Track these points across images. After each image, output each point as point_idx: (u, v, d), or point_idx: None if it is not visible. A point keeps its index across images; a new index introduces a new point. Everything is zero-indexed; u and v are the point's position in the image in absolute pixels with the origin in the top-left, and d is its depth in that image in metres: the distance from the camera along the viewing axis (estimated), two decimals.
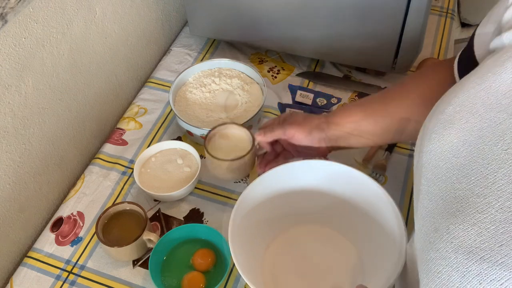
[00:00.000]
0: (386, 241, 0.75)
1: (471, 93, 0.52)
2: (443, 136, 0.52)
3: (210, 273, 0.84)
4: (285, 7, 1.02)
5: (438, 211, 0.48)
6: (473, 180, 0.46)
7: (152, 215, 0.94)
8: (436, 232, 0.47)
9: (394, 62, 1.05)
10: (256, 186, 0.80)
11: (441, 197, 0.49)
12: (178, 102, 1.05)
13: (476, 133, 0.49)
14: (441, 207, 0.48)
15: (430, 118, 0.57)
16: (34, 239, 0.94)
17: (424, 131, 0.57)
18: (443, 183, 0.50)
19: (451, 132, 0.51)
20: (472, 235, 0.43)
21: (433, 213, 0.49)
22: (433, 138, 0.53)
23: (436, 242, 0.47)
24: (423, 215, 0.52)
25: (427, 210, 0.51)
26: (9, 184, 0.86)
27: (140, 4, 1.11)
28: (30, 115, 0.87)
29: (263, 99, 1.03)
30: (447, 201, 0.48)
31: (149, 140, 1.05)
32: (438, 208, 0.49)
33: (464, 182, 0.47)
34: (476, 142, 0.48)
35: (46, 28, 0.85)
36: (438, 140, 0.52)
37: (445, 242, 0.45)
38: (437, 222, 0.48)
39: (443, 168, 0.50)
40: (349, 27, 1.01)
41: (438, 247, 0.46)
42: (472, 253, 0.42)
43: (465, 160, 0.48)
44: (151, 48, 1.21)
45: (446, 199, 0.48)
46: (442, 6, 1.30)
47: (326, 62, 1.18)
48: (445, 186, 0.49)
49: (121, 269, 0.88)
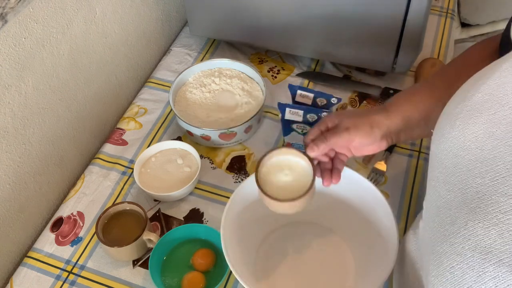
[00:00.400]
0: (379, 240, 0.76)
1: (503, 82, 0.49)
2: (467, 125, 0.49)
3: (210, 273, 0.84)
4: (285, 7, 1.02)
5: (456, 203, 0.46)
6: (497, 177, 0.44)
7: (152, 215, 0.94)
8: (453, 225, 0.45)
9: (394, 62, 1.05)
10: (249, 184, 0.81)
11: (461, 190, 0.47)
12: (178, 102, 1.05)
13: (504, 127, 0.46)
14: (460, 200, 0.46)
15: (455, 103, 0.53)
16: (34, 239, 0.94)
17: (447, 115, 0.53)
18: (464, 174, 0.47)
19: (477, 122, 0.48)
20: (492, 235, 0.41)
21: (450, 205, 0.47)
22: (457, 125, 0.50)
23: (451, 236, 0.45)
24: (438, 205, 0.50)
25: (444, 200, 0.48)
26: (9, 184, 0.86)
27: (140, 4, 1.11)
28: (30, 115, 0.87)
29: (263, 99, 1.03)
30: (467, 195, 0.46)
31: (149, 140, 1.05)
32: (456, 200, 0.47)
33: (488, 177, 0.45)
34: (503, 137, 0.46)
35: (46, 28, 0.85)
36: (462, 128, 0.49)
37: (462, 238, 0.44)
38: (454, 215, 0.46)
39: (465, 159, 0.48)
40: (349, 27, 1.01)
41: (454, 241, 0.44)
42: (491, 254, 0.41)
43: (490, 154, 0.46)
44: (151, 48, 1.21)
45: (466, 192, 0.46)
46: (442, 6, 1.30)
47: (326, 62, 1.18)
48: (466, 178, 0.47)
49: (121, 269, 0.88)
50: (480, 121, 0.48)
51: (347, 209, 0.82)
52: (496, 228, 0.41)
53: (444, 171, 0.50)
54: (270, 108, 1.09)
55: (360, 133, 0.71)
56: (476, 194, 0.45)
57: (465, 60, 0.74)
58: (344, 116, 0.73)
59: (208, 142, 1.01)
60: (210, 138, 1.00)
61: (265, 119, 1.08)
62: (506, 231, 0.41)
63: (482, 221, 0.43)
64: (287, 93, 1.06)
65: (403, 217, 0.92)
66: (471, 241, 0.43)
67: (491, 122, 0.47)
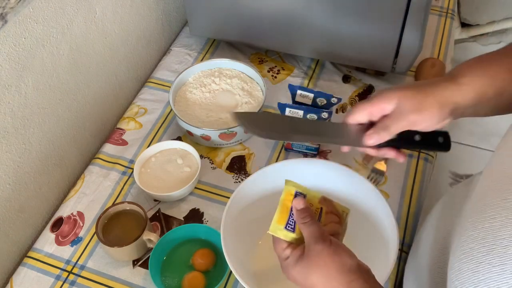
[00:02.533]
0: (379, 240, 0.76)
1: None
2: None
3: (210, 273, 0.84)
4: (285, 7, 1.02)
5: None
6: None
7: (152, 215, 0.94)
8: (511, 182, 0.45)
9: (394, 62, 1.05)
10: (250, 184, 0.81)
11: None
12: (178, 102, 1.05)
13: None
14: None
15: None
16: (34, 239, 0.94)
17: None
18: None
19: None
20: None
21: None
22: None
23: (505, 191, 0.45)
24: (504, 163, 0.48)
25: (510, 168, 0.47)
26: (9, 184, 0.86)
27: (140, 4, 1.11)
28: (30, 115, 0.87)
29: (263, 99, 1.03)
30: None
31: (149, 140, 1.05)
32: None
33: None
34: None
35: (46, 28, 0.85)
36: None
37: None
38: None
39: None
40: (349, 27, 1.01)
41: (506, 197, 0.44)
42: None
43: None
44: (151, 48, 1.21)
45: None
46: (442, 6, 1.30)
47: (326, 62, 1.18)
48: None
49: (121, 269, 0.88)
50: None
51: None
52: None
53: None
54: (270, 108, 1.09)
55: (427, 116, 0.61)
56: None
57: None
58: (404, 94, 0.61)
59: (208, 142, 1.01)
60: (210, 138, 1.00)
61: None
62: None
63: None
64: (287, 93, 1.06)
65: (403, 217, 0.92)
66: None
67: None
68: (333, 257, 0.59)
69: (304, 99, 0.97)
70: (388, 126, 0.62)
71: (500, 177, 0.48)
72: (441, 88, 0.61)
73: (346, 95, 1.11)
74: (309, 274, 0.58)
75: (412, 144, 0.66)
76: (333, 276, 0.58)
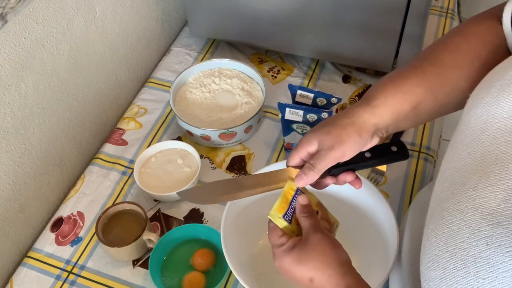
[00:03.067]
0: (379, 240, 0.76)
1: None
2: (503, 93, 0.49)
3: (210, 273, 0.84)
4: (285, 7, 1.02)
5: (473, 167, 0.47)
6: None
7: (152, 215, 0.94)
8: (463, 186, 0.46)
9: (394, 62, 1.05)
10: None
11: (482, 155, 0.47)
12: (178, 102, 1.05)
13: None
14: (478, 164, 0.47)
15: (494, 73, 0.53)
16: (34, 239, 0.94)
17: (485, 82, 0.53)
18: (489, 141, 0.48)
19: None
20: (498, 199, 0.43)
21: (467, 167, 0.48)
22: (492, 92, 0.50)
23: (458, 195, 0.46)
24: (455, 166, 0.50)
25: (462, 163, 0.49)
26: (9, 184, 0.86)
27: (140, 4, 1.11)
28: (30, 115, 0.87)
29: (263, 99, 1.03)
30: (486, 160, 0.47)
31: (149, 140, 1.05)
32: (474, 164, 0.47)
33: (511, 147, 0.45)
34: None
35: (46, 28, 0.85)
36: (497, 96, 0.49)
37: (468, 198, 0.45)
38: (467, 177, 0.47)
39: (493, 126, 0.48)
40: (349, 27, 1.01)
41: (460, 199, 0.46)
42: (491, 215, 0.42)
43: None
44: (151, 48, 1.21)
45: (485, 158, 0.47)
46: (442, 6, 1.30)
47: (326, 62, 1.18)
48: (489, 145, 0.48)
49: (121, 269, 0.88)
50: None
51: (347, 209, 0.82)
52: (503, 193, 0.43)
53: (470, 135, 0.51)
54: (270, 108, 1.09)
55: (348, 146, 0.63)
56: (495, 161, 0.46)
57: (462, 44, 0.66)
58: (321, 134, 0.64)
59: (208, 142, 1.01)
60: (210, 138, 1.00)
61: (265, 119, 1.08)
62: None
63: (492, 186, 0.44)
64: (287, 93, 1.06)
65: (403, 217, 0.92)
66: (476, 202, 0.44)
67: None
68: (332, 246, 0.60)
69: (304, 99, 0.97)
70: (313, 165, 0.64)
71: (451, 181, 0.49)
72: (357, 116, 0.63)
73: (346, 95, 1.11)
74: (305, 261, 0.59)
75: (366, 162, 0.67)
76: (330, 264, 0.59)
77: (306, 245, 0.60)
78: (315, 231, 0.61)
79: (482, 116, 0.50)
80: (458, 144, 0.52)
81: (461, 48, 0.65)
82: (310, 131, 0.66)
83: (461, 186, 0.47)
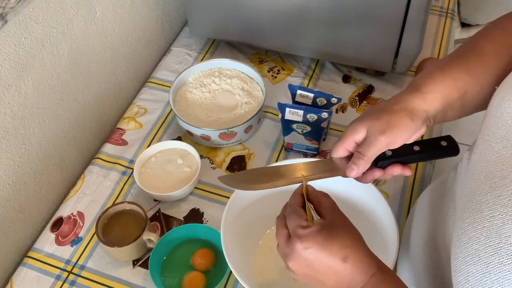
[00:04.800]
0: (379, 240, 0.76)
1: None
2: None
3: (210, 273, 0.84)
4: (285, 7, 1.02)
5: (511, 160, 0.47)
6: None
7: (152, 215, 0.94)
8: (503, 179, 0.46)
9: (394, 62, 1.05)
10: None
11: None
12: (178, 102, 1.05)
13: None
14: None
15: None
16: (34, 239, 0.94)
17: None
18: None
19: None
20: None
21: (504, 160, 0.48)
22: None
23: (498, 189, 0.46)
24: (489, 159, 0.50)
25: (497, 155, 0.49)
26: (9, 184, 0.86)
27: (140, 4, 1.11)
28: (30, 115, 0.87)
29: (263, 99, 1.03)
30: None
31: (149, 140, 1.05)
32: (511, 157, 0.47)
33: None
34: None
35: (46, 28, 0.85)
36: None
37: (510, 192, 0.44)
38: (506, 170, 0.47)
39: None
40: (349, 27, 1.01)
41: (500, 193, 0.45)
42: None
43: None
44: (151, 48, 1.21)
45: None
46: (442, 6, 1.30)
47: (326, 62, 1.18)
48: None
49: (121, 269, 0.88)
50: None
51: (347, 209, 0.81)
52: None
53: (504, 128, 0.50)
54: (270, 108, 1.09)
55: (400, 131, 0.61)
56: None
57: (502, 35, 0.65)
58: (369, 120, 0.62)
59: (208, 142, 1.01)
60: (210, 138, 1.00)
61: (265, 119, 1.08)
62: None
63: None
64: (287, 93, 1.06)
65: (403, 217, 0.92)
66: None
67: None
68: (354, 227, 0.60)
69: (304, 99, 0.97)
70: (363, 154, 0.62)
71: (486, 175, 0.49)
72: (408, 100, 0.62)
73: (346, 95, 1.11)
74: (338, 239, 0.57)
75: (415, 155, 0.66)
76: (362, 243, 0.58)
77: (334, 225, 0.58)
78: (338, 212, 0.60)
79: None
80: (490, 137, 0.52)
81: (501, 38, 0.64)
82: (355, 120, 0.64)
83: (501, 179, 0.46)
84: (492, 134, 0.52)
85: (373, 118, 0.61)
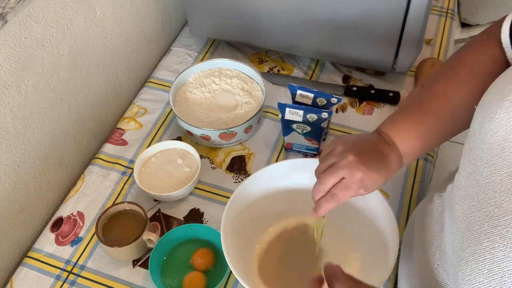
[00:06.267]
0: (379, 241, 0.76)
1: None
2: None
3: (210, 273, 0.84)
4: (285, 7, 1.02)
5: (503, 187, 0.46)
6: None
7: (152, 215, 0.94)
8: (499, 208, 0.46)
9: (394, 62, 1.05)
10: (250, 184, 0.81)
11: (508, 174, 0.46)
12: (178, 102, 1.05)
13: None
14: (508, 184, 0.46)
15: (503, 83, 0.52)
16: (34, 239, 0.94)
17: (495, 94, 0.52)
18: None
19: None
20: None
21: (495, 187, 0.47)
22: (505, 107, 0.49)
23: (495, 218, 0.45)
24: (480, 184, 0.49)
25: (487, 181, 0.48)
26: (9, 184, 0.86)
27: (140, 4, 1.11)
28: (30, 115, 0.87)
29: (263, 99, 1.03)
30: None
31: (149, 140, 1.05)
32: (503, 183, 0.47)
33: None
34: None
35: (46, 28, 0.85)
36: (511, 111, 0.48)
37: (508, 222, 0.44)
38: (500, 198, 0.46)
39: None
40: (349, 27, 1.01)
41: (497, 223, 0.45)
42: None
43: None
44: (151, 48, 1.21)
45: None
46: (442, 6, 1.30)
47: (326, 62, 1.18)
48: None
49: (121, 269, 0.88)
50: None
51: (347, 209, 0.82)
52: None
53: (489, 152, 0.50)
54: (270, 108, 1.09)
55: (377, 178, 0.65)
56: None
57: (466, 76, 0.68)
58: (373, 172, 0.64)
59: (208, 142, 1.01)
60: (210, 138, 1.00)
61: (265, 119, 1.08)
62: None
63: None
64: (287, 93, 1.06)
65: (403, 217, 0.92)
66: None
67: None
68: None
69: (304, 99, 0.97)
70: (336, 195, 0.64)
71: (479, 201, 0.49)
72: (388, 162, 0.66)
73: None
74: None
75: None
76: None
77: None
78: None
79: (499, 132, 0.49)
80: (477, 161, 0.51)
81: (466, 81, 0.67)
82: (353, 163, 0.64)
83: (496, 207, 0.46)
84: (478, 158, 0.51)
85: (373, 172, 0.64)
